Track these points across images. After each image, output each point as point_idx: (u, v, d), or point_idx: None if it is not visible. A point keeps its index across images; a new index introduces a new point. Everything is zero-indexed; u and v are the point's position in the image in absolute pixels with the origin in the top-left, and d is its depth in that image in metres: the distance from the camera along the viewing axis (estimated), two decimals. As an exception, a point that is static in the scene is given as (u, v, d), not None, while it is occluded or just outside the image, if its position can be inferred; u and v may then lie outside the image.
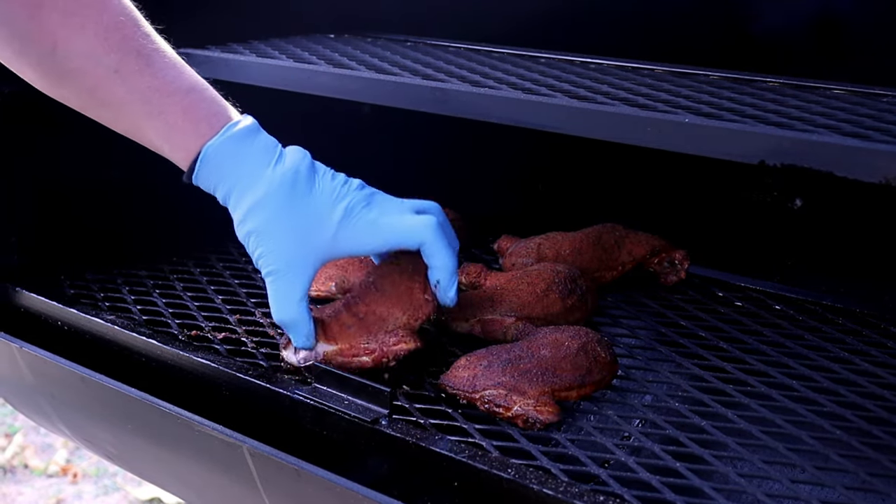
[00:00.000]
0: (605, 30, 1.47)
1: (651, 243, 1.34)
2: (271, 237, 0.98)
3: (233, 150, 0.98)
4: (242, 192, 0.98)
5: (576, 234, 1.34)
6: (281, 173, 0.98)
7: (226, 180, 0.99)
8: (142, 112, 0.98)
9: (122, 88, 0.97)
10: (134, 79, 0.97)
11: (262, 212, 0.98)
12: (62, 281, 1.32)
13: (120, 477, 2.76)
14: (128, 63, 0.96)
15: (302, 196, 0.99)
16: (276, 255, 0.99)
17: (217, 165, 0.98)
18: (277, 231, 0.98)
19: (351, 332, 1.05)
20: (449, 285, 1.04)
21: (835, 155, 0.84)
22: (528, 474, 0.84)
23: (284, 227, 0.98)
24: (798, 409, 1.01)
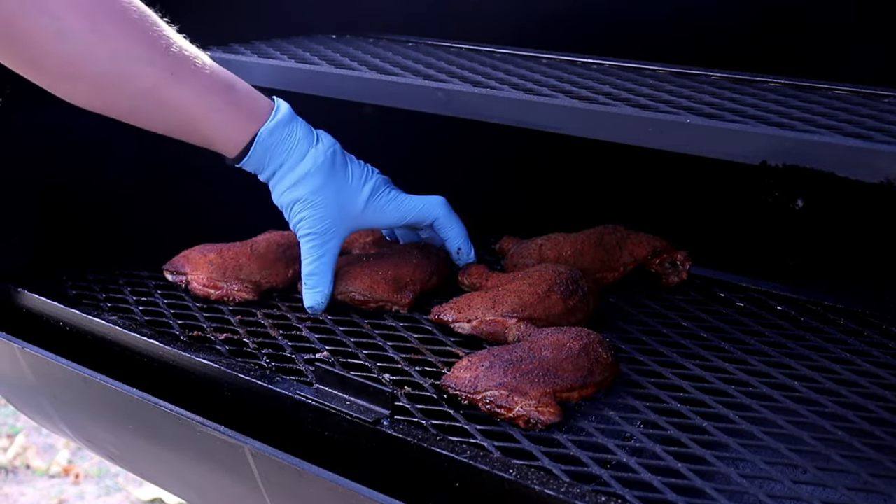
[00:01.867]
0: (606, 30, 1.47)
1: (652, 244, 1.34)
2: (314, 205, 1.15)
3: (282, 134, 1.13)
4: (292, 166, 1.14)
5: (577, 235, 1.34)
6: (323, 152, 1.15)
7: (276, 158, 1.14)
8: (199, 110, 1.09)
9: (178, 89, 1.06)
10: (188, 79, 1.07)
11: (310, 183, 1.14)
12: (64, 281, 1.32)
13: (122, 477, 2.76)
14: (180, 65, 1.06)
15: (340, 173, 1.17)
16: (315, 220, 1.16)
17: (269, 147, 1.13)
18: (320, 201, 1.15)
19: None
20: (469, 248, 1.27)
21: (836, 155, 0.84)
22: (530, 475, 0.84)
23: (326, 199, 1.15)
24: (800, 409, 1.01)
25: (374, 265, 1.25)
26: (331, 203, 1.16)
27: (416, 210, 1.22)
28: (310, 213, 1.15)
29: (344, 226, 1.18)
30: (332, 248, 1.18)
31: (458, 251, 1.27)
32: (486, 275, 1.26)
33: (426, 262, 1.27)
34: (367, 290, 1.22)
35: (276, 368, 1.08)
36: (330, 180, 1.15)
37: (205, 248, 1.30)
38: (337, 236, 1.18)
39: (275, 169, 1.14)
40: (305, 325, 1.20)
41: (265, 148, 1.13)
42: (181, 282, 1.29)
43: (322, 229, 1.16)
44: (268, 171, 1.15)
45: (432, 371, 1.08)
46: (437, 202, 1.23)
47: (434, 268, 1.27)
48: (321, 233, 1.16)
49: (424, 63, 1.27)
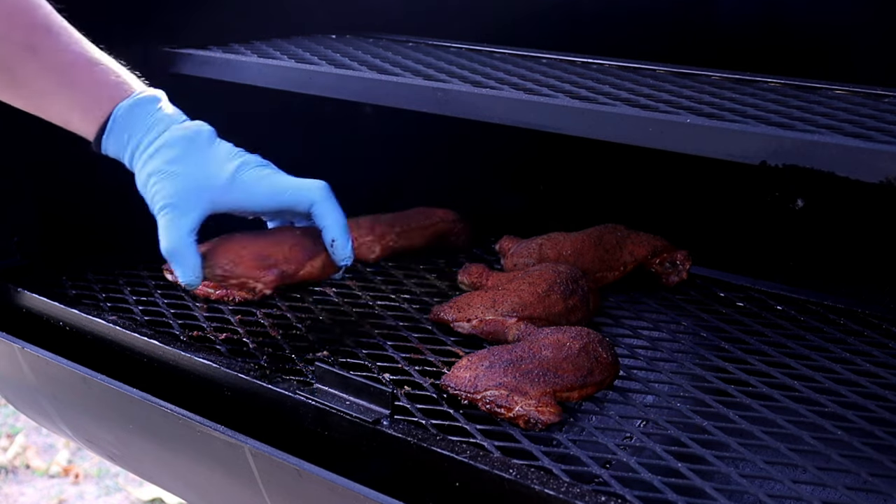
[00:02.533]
0: (607, 30, 1.47)
1: (652, 244, 1.34)
2: (169, 177, 1.06)
3: (142, 111, 1.07)
4: (149, 142, 1.06)
5: (577, 234, 1.34)
6: (185, 127, 1.08)
7: (134, 136, 1.07)
8: (55, 84, 1.05)
9: (34, 62, 1.03)
10: (45, 52, 1.04)
11: (164, 155, 1.06)
12: (64, 281, 1.32)
13: (122, 477, 2.76)
14: (36, 38, 1.03)
15: (201, 147, 1.07)
16: (170, 191, 1.06)
17: (126, 123, 1.06)
18: (175, 172, 1.06)
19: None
20: (345, 242, 1.11)
21: (836, 155, 0.84)
22: (530, 475, 0.84)
23: (182, 169, 1.06)
24: (800, 409, 1.01)
25: (245, 241, 1.13)
26: (189, 173, 1.06)
27: (291, 191, 1.09)
28: (165, 184, 1.05)
29: (205, 197, 1.07)
30: (191, 221, 1.07)
31: (333, 242, 1.11)
32: (486, 274, 1.26)
33: (309, 244, 1.12)
34: (229, 265, 1.10)
35: (276, 368, 1.08)
36: (189, 152, 1.06)
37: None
38: (197, 208, 1.07)
39: (135, 146, 1.07)
40: (305, 325, 1.20)
41: (123, 125, 1.06)
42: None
43: (178, 200, 1.05)
44: (127, 153, 1.08)
45: (432, 371, 1.08)
46: (316, 186, 1.10)
47: (317, 252, 1.12)
48: (177, 204, 1.05)
49: (424, 63, 1.27)
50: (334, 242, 1.11)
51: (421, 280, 1.38)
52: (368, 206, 1.46)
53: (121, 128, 1.07)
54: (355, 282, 1.35)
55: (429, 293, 1.32)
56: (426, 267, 1.42)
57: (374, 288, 1.34)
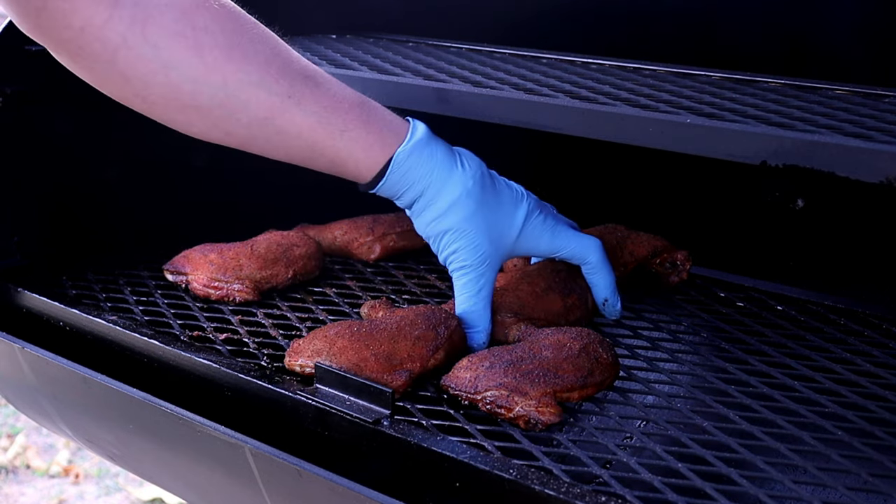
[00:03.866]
0: (606, 30, 1.47)
1: (653, 244, 1.34)
2: (467, 235, 1.05)
3: (422, 155, 1.04)
4: (437, 193, 1.04)
5: None
6: (471, 175, 1.05)
7: (417, 183, 1.04)
8: (322, 133, 1.01)
9: (298, 112, 0.99)
10: (307, 101, 0.99)
11: (460, 211, 1.04)
12: (64, 281, 1.32)
13: (122, 477, 2.76)
14: (297, 87, 0.99)
15: (490, 198, 1.06)
16: (470, 252, 1.06)
17: (408, 170, 1.03)
18: (473, 230, 1.05)
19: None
20: (616, 300, 1.17)
21: (837, 155, 0.84)
22: (530, 475, 0.84)
23: (479, 227, 1.05)
24: (800, 409, 1.01)
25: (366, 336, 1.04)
26: (484, 231, 1.05)
27: (570, 247, 1.12)
28: (462, 243, 1.05)
29: (499, 255, 1.08)
30: (488, 282, 1.08)
31: (605, 302, 1.16)
32: None
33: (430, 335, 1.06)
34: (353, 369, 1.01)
35: (276, 368, 1.08)
36: (481, 207, 1.05)
37: (205, 248, 1.30)
38: (492, 268, 1.08)
39: (415, 196, 1.05)
40: (306, 326, 1.20)
41: (402, 172, 1.03)
42: (181, 282, 1.29)
43: (477, 261, 1.06)
44: (407, 198, 1.06)
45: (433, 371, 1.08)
46: (593, 245, 1.13)
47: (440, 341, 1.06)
48: (476, 265, 1.06)
49: (424, 63, 1.27)
50: (606, 302, 1.16)
51: (421, 280, 1.38)
52: (368, 207, 1.46)
53: (399, 176, 1.04)
54: (355, 282, 1.35)
55: (429, 293, 1.32)
56: (426, 267, 1.42)
57: (374, 288, 1.34)
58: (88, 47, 0.92)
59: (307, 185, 1.31)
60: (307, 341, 1.07)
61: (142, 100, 0.97)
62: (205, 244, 1.31)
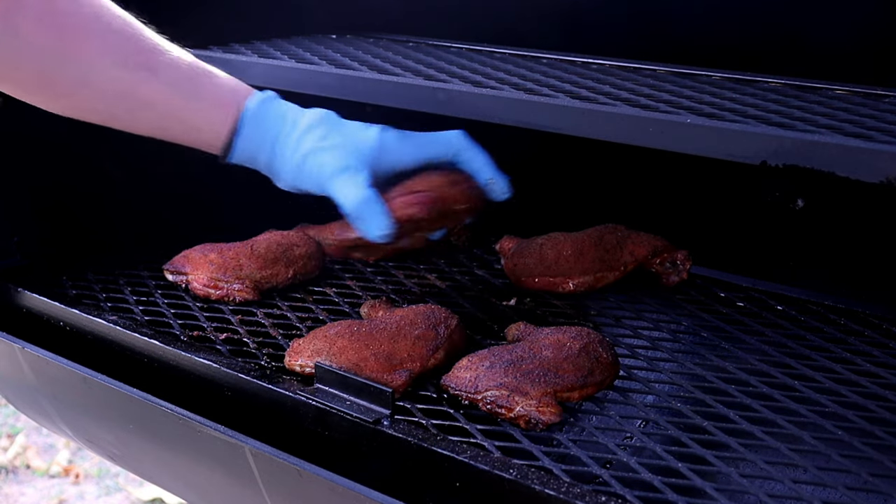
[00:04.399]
0: (607, 30, 1.47)
1: (653, 244, 1.34)
2: (328, 150, 1.09)
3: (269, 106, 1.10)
4: (289, 131, 1.10)
5: (578, 234, 1.34)
6: (315, 112, 1.12)
7: (270, 130, 1.10)
8: (177, 98, 1.07)
9: (155, 82, 1.06)
10: (163, 70, 1.06)
11: (313, 136, 1.09)
12: (64, 281, 1.32)
13: (122, 477, 2.76)
14: (152, 59, 1.06)
15: (340, 123, 1.12)
16: (337, 159, 1.08)
17: (258, 122, 1.09)
18: (332, 145, 1.09)
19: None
20: (499, 177, 1.17)
21: (837, 155, 0.84)
22: (530, 475, 0.84)
23: (337, 142, 1.09)
24: (800, 409, 1.01)
25: (366, 336, 1.06)
26: (345, 144, 1.09)
27: (434, 143, 1.14)
28: (327, 156, 1.09)
29: (365, 162, 1.09)
30: (366, 177, 1.09)
31: (490, 181, 1.17)
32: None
33: (430, 335, 1.07)
34: (353, 369, 1.01)
35: (276, 368, 1.08)
36: (334, 128, 1.10)
37: (205, 247, 1.30)
38: (365, 169, 1.09)
39: (272, 141, 1.10)
40: (306, 326, 1.20)
41: (254, 124, 1.09)
42: (181, 282, 1.29)
43: (347, 163, 1.08)
44: (265, 152, 1.11)
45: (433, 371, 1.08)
46: (456, 135, 1.15)
47: (440, 341, 1.07)
48: (349, 166, 1.08)
49: (424, 63, 1.27)
50: (491, 181, 1.17)
51: (421, 280, 1.38)
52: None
53: (253, 126, 1.09)
54: (355, 282, 1.35)
55: (429, 293, 1.32)
56: (426, 267, 1.42)
57: (374, 288, 1.34)
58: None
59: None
60: (307, 341, 1.07)
61: (14, 85, 1.04)
62: (205, 244, 1.31)
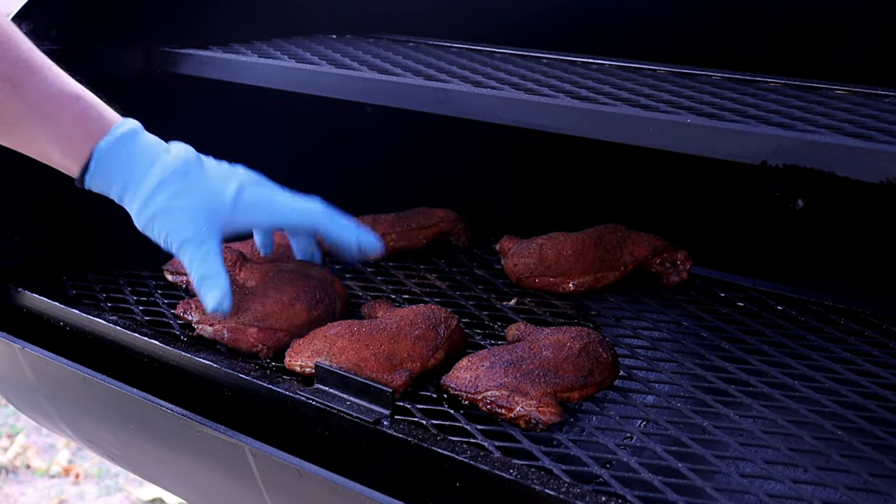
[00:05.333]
0: (606, 30, 1.47)
1: (653, 244, 1.34)
2: (173, 214, 1.04)
3: (124, 148, 1.04)
4: (139, 182, 1.04)
5: (578, 234, 1.34)
6: (172, 160, 1.05)
7: (120, 175, 1.04)
8: (35, 119, 1.03)
9: (14, 97, 1.01)
10: (25, 87, 1.01)
11: (162, 195, 1.04)
12: (64, 282, 1.32)
13: (122, 477, 2.76)
14: (17, 73, 1.01)
15: (196, 177, 1.06)
16: (182, 227, 1.04)
17: (110, 162, 1.04)
18: (181, 207, 1.04)
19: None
20: (369, 237, 1.13)
21: (836, 155, 0.84)
22: (530, 475, 0.84)
23: (184, 204, 1.04)
24: (800, 409, 1.01)
25: (367, 336, 1.06)
26: (195, 206, 1.04)
27: (292, 217, 1.11)
28: (172, 222, 1.04)
29: (215, 226, 1.06)
30: (211, 250, 1.05)
31: (360, 248, 1.13)
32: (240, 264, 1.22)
33: (430, 335, 1.07)
34: (353, 369, 1.01)
35: (276, 368, 1.08)
36: (187, 184, 1.05)
37: None
38: (212, 237, 1.06)
39: (123, 187, 1.05)
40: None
41: (105, 163, 1.04)
42: (181, 282, 1.29)
43: (193, 233, 1.04)
44: (115, 191, 1.06)
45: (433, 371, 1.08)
46: (317, 207, 1.11)
47: (440, 341, 1.07)
48: (194, 237, 1.04)
49: (424, 63, 1.27)
50: (360, 247, 1.12)
51: (421, 280, 1.38)
52: (368, 206, 1.46)
53: (104, 168, 1.04)
54: (355, 282, 1.35)
55: (429, 293, 1.32)
56: (426, 267, 1.42)
57: (374, 288, 1.34)
58: None
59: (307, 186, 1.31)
60: (307, 341, 1.07)
61: None
62: None
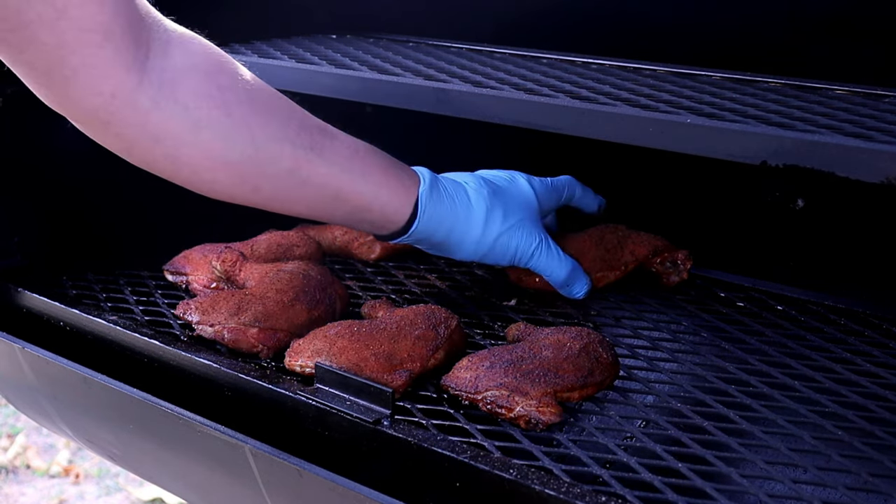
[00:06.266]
0: (606, 30, 1.47)
1: (653, 243, 1.34)
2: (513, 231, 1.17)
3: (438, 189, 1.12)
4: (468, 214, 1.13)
5: (578, 234, 1.34)
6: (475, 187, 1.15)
7: (448, 214, 1.12)
8: (346, 180, 1.05)
9: (321, 163, 1.03)
10: (328, 152, 1.03)
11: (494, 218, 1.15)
12: (64, 281, 1.32)
13: (122, 477, 2.76)
14: (317, 139, 1.03)
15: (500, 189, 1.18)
16: (529, 238, 1.17)
17: (435, 206, 1.10)
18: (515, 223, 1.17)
19: None
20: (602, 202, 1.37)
21: (837, 155, 0.84)
22: (530, 475, 0.84)
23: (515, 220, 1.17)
24: (800, 409, 1.01)
25: (366, 336, 1.06)
26: (523, 217, 1.17)
27: (561, 188, 1.27)
28: (517, 236, 1.17)
29: (538, 221, 1.21)
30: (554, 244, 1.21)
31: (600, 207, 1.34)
32: (241, 264, 1.23)
33: (430, 335, 1.07)
34: (353, 369, 1.01)
35: (276, 368, 1.08)
36: (506, 201, 1.16)
37: (205, 248, 1.30)
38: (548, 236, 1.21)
39: (448, 229, 1.12)
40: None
41: (432, 209, 1.10)
42: (181, 282, 1.29)
43: (539, 237, 1.18)
44: (441, 234, 1.12)
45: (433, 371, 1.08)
46: (571, 179, 1.30)
47: (440, 341, 1.07)
48: (538, 241, 1.18)
49: (424, 63, 1.27)
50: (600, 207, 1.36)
51: (421, 280, 1.38)
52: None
53: (430, 213, 1.10)
54: (355, 282, 1.35)
55: (429, 293, 1.32)
56: (426, 267, 1.42)
57: (374, 288, 1.34)
58: (119, 113, 0.92)
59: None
60: (307, 341, 1.07)
61: (171, 161, 0.98)
62: (205, 244, 1.31)
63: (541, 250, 1.18)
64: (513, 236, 1.16)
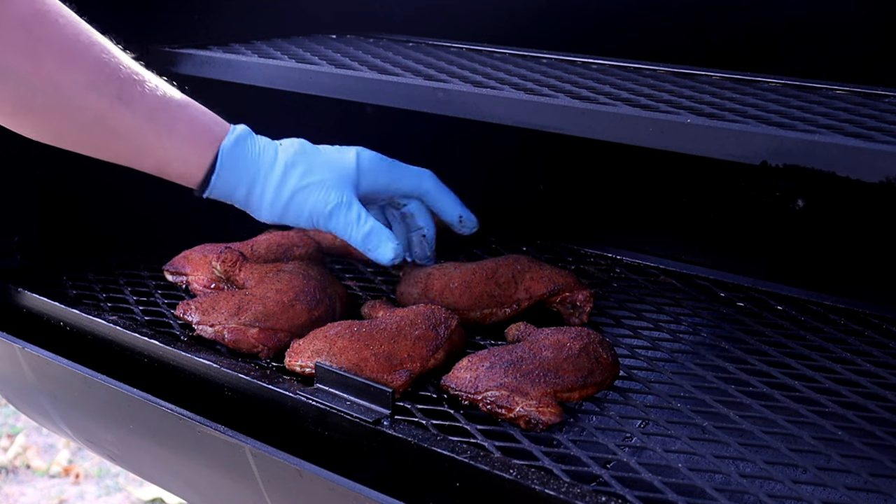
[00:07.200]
0: (607, 30, 1.47)
1: (554, 281, 1.22)
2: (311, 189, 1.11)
3: (244, 145, 1.10)
4: (268, 172, 1.10)
5: (471, 265, 1.24)
6: (290, 146, 1.12)
7: (247, 171, 1.10)
8: (150, 132, 1.06)
9: (127, 113, 1.04)
10: (136, 102, 1.04)
11: (293, 175, 1.10)
12: (64, 281, 1.32)
13: (122, 477, 2.76)
14: (127, 89, 1.04)
15: (316, 153, 1.13)
16: (325, 197, 1.11)
17: (236, 161, 1.09)
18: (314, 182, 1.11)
19: None
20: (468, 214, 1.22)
21: (837, 155, 0.84)
22: (530, 475, 0.84)
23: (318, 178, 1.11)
24: (800, 409, 1.01)
25: (367, 336, 1.05)
26: (328, 177, 1.11)
27: (406, 176, 1.18)
28: (314, 195, 1.11)
29: (353, 193, 1.13)
30: (362, 209, 1.12)
31: (460, 219, 1.22)
32: (241, 264, 1.23)
33: (430, 335, 1.07)
34: (353, 369, 1.01)
35: (276, 368, 1.08)
36: (313, 161, 1.11)
37: (205, 248, 1.30)
38: (356, 201, 1.13)
39: (250, 182, 1.10)
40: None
41: (232, 163, 1.09)
42: (181, 282, 1.29)
43: (337, 201, 1.11)
44: (242, 188, 1.11)
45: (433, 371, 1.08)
46: (427, 174, 1.20)
47: (440, 341, 1.07)
48: (340, 204, 1.11)
49: (424, 63, 1.27)
50: (461, 219, 1.22)
51: (421, 280, 1.37)
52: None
53: (231, 167, 1.09)
54: (355, 282, 1.35)
55: (429, 293, 1.32)
56: (426, 267, 1.42)
57: (374, 288, 1.34)
58: None
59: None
60: (307, 341, 1.07)
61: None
62: (205, 244, 1.31)
63: (340, 212, 1.11)
64: (310, 194, 1.11)
